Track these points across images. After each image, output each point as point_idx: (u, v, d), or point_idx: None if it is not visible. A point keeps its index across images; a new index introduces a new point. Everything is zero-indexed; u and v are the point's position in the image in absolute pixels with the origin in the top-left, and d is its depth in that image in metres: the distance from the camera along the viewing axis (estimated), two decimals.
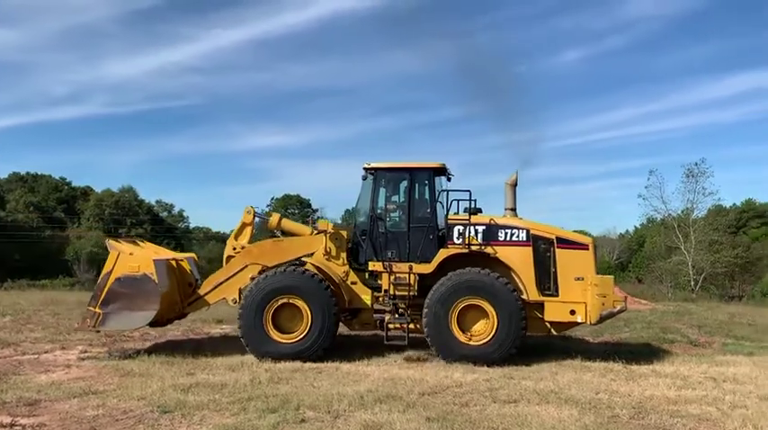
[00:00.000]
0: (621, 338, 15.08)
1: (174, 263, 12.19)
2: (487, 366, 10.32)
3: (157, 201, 77.25)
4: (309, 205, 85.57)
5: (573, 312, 10.98)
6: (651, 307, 28.19)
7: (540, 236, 11.26)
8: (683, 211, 44.64)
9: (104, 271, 11.45)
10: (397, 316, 11.47)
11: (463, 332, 10.91)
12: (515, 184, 12.20)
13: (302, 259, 11.72)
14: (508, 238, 11.33)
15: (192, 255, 13.96)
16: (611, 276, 11.97)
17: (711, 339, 15.34)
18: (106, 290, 11.22)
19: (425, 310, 10.96)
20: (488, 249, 11.28)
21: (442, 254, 11.29)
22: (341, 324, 11.70)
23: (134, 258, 11.40)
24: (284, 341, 11.04)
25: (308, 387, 8.69)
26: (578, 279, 11.01)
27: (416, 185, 11.82)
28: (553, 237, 11.23)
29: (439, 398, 8.17)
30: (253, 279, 11.43)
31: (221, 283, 11.94)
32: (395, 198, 11.97)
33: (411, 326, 11.31)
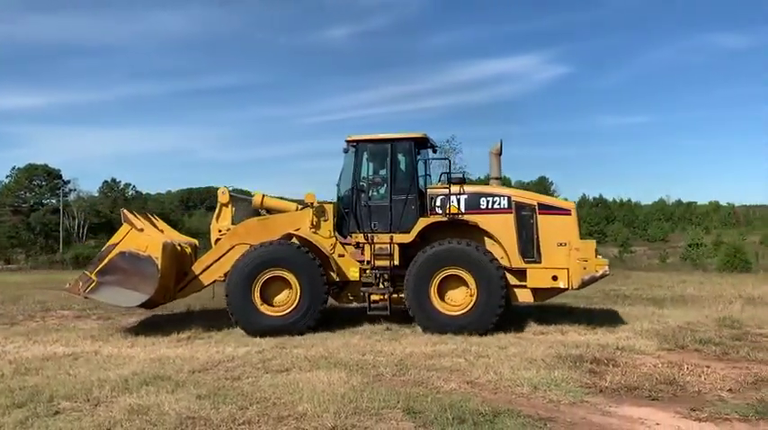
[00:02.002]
0: None
1: (178, 247, 12.04)
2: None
3: None
4: (60, 176, 77.15)
5: (555, 278, 10.95)
6: None
7: (522, 202, 11.21)
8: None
9: (111, 241, 11.32)
10: (380, 286, 11.43)
11: (444, 302, 10.90)
12: (500, 153, 12.21)
13: (290, 234, 11.59)
14: (490, 206, 11.28)
15: (195, 241, 13.58)
16: (594, 241, 11.99)
17: None
18: (107, 260, 11.08)
19: (406, 281, 10.94)
20: (469, 217, 11.24)
21: (422, 223, 11.27)
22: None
23: (144, 237, 11.15)
24: (273, 314, 11.00)
25: (63, 376, 7.93)
26: (561, 244, 10.92)
27: (398, 156, 11.76)
28: (535, 203, 11.23)
29: (210, 374, 8.00)
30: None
31: (210, 266, 11.79)
32: (377, 170, 11.90)
33: (395, 296, 11.28)
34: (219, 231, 12.25)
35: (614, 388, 7.16)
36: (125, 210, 11.97)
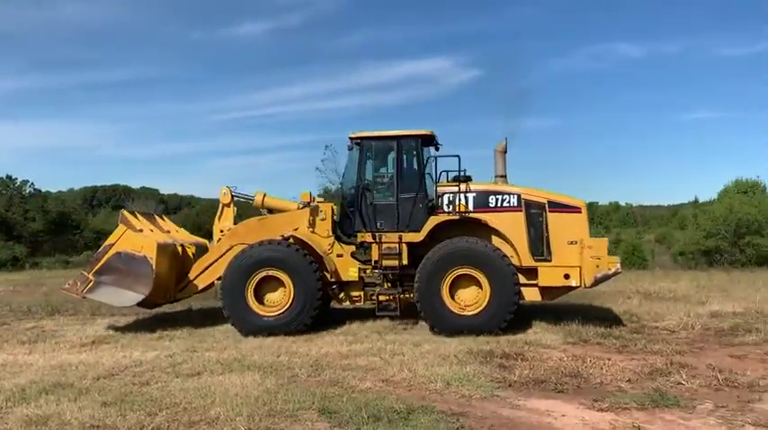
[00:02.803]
0: None
1: (179, 248, 12.00)
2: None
3: None
4: None
5: (567, 276, 10.75)
6: None
7: (532, 200, 11.00)
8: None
9: (108, 241, 11.37)
10: (387, 286, 11.24)
11: (455, 302, 10.59)
12: (505, 151, 11.84)
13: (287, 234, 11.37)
14: (499, 204, 11.08)
15: (205, 241, 13.28)
16: (606, 238, 11.93)
17: None
18: (104, 260, 11.17)
19: (417, 281, 10.60)
20: (479, 216, 10.99)
21: (432, 221, 11.01)
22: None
23: (139, 237, 11.19)
24: (267, 314, 10.86)
25: None
26: (572, 242, 10.75)
27: (404, 154, 11.46)
28: (545, 201, 10.99)
29: (116, 380, 7.67)
30: None
31: (210, 266, 11.72)
32: (382, 168, 11.64)
33: (402, 296, 11.08)
34: (222, 231, 12.17)
35: (523, 381, 7.42)
36: (124, 211, 11.98)
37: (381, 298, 11.16)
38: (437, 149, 11.89)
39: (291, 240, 11.35)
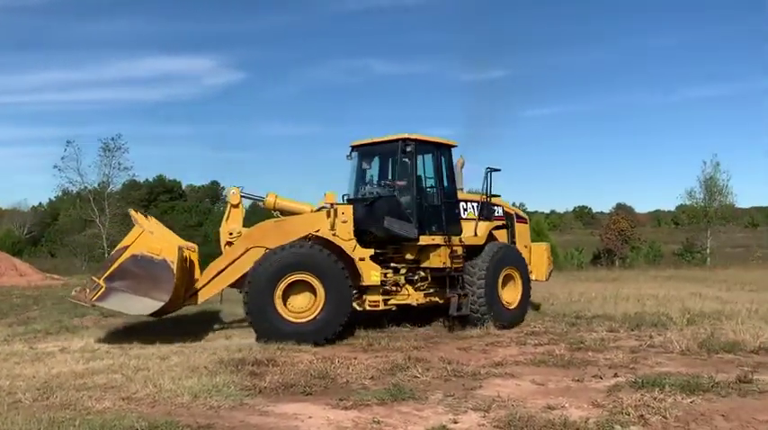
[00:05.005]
0: (30, 317, 14.25)
1: (186, 252, 11.15)
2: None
3: None
4: None
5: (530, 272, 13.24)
6: (64, 281, 27.60)
7: (509, 212, 13.52)
8: (99, 185, 44.93)
9: (123, 243, 10.52)
10: (458, 289, 11.62)
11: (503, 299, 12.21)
12: (462, 166, 12.88)
13: (310, 236, 10.99)
14: (496, 214, 12.98)
15: (194, 245, 12.30)
16: (549, 243, 15.29)
17: None
18: (117, 264, 10.23)
19: (479, 281, 11.67)
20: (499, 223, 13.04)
21: (488, 227, 12.52)
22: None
23: (158, 239, 10.48)
24: (297, 320, 10.33)
25: None
26: (526, 246, 13.59)
27: (443, 161, 12.17)
28: (513, 213, 13.71)
29: None
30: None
31: (222, 271, 10.88)
32: (428, 172, 12.07)
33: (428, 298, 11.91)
34: (230, 234, 11.37)
35: (273, 387, 7.47)
36: (133, 212, 11.27)
37: (454, 299, 11.45)
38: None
39: (318, 242, 10.99)
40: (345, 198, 12.34)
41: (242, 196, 11.89)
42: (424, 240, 11.53)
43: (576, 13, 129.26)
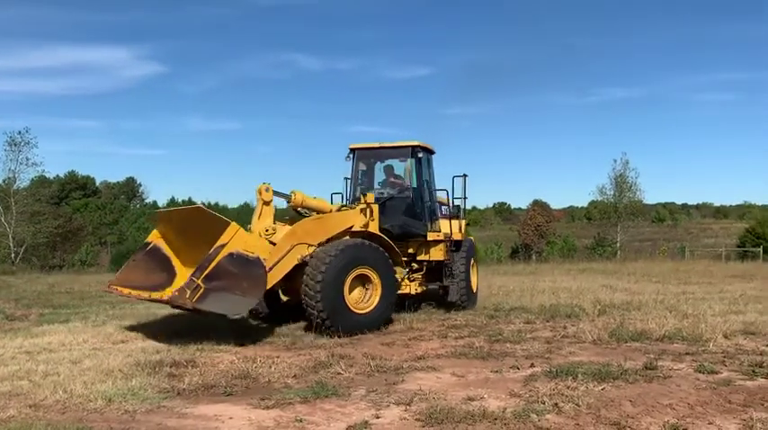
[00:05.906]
0: None
1: None
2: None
3: None
4: None
5: None
6: None
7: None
8: (4, 181, 42.47)
9: (219, 241, 9.65)
10: (451, 279, 13.31)
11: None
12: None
13: (352, 231, 11.68)
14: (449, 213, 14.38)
15: None
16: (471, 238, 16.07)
17: (29, 311, 15.17)
18: (215, 263, 9.53)
19: (461, 272, 13.45)
20: None
21: (463, 224, 14.63)
22: None
23: (252, 236, 10.45)
24: (361, 312, 10.96)
25: None
26: None
27: (430, 164, 13.73)
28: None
29: None
30: (301, 259, 10.80)
31: (272, 268, 10.45)
32: (425, 175, 13.31)
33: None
34: (266, 231, 11.06)
35: (192, 389, 7.28)
36: (202, 206, 10.91)
37: (454, 287, 13.32)
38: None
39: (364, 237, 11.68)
40: (333, 196, 13.77)
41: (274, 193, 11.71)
42: (431, 236, 13.06)
43: (498, 15, 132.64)
